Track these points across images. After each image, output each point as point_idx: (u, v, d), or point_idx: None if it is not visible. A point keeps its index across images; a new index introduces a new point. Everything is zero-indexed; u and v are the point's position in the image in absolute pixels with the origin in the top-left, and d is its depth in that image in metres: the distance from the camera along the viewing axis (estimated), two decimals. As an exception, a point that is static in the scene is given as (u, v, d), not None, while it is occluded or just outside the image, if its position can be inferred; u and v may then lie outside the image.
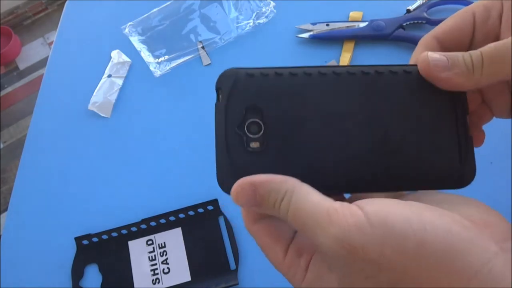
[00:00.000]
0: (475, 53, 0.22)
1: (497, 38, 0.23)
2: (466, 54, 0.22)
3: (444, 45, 0.25)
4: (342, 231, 0.18)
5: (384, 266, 0.17)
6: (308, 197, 0.20)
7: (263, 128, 0.22)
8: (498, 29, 0.24)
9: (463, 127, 0.23)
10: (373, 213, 0.18)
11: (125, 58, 0.57)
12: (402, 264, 0.17)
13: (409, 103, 0.23)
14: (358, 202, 0.19)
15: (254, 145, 0.22)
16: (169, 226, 0.45)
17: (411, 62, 0.26)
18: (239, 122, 0.23)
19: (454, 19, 0.25)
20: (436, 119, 0.23)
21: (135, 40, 0.57)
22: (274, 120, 0.22)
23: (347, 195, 0.25)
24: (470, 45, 0.25)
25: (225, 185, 0.22)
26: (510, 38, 0.22)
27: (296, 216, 0.20)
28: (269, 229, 0.22)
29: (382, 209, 0.18)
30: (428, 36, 0.26)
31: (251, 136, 0.22)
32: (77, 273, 0.44)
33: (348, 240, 0.18)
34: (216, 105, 0.23)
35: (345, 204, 0.19)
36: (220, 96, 0.23)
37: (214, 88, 0.23)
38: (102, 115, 0.53)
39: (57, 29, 0.62)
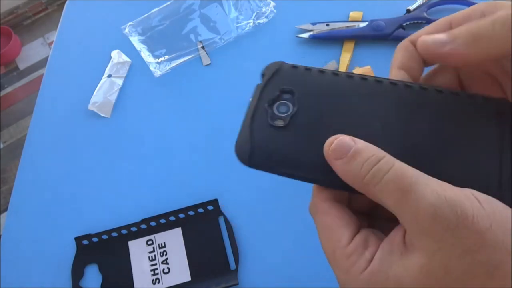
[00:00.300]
0: (478, 20, 0.21)
1: None
2: (467, 24, 0.22)
3: None
4: (455, 196, 0.18)
5: (489, 242, 0.17)
6: (410, 168, 0.19)
7: (291, 109, 0.23)
8: None
9: (507, 154, 0.21)
10: (478, 193, 0.18)
11: (125, 58, 0.57)
12: (509, 242, 0.17)
13: (451, 123, 0.22)
14: None
15: (278, 122, 0.23)
16: (169, 226, 0.45)
17: (392, 66, 0.25)
18: (271, 100, 0.23)
19: (431, 27, 0.25)
20: (478, 140, 0.21)
21: (135, 40, 0.57)
22: (304, 106, 0.23)
23: None
24: None
25: (240, 151, 0.23)
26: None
27: (399, 176, 0.19)
28: (341, 211, 0.22)
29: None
30: (406, 41, 0.25)
31: (278, 114, 0.23)
32: (77, 273, 0.44)
33: (461, 205, 0.17)
34: (256, 86, 0.24)
35: None
36: (262, 78, 0.24)
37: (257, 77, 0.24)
38: (102, 115, 0.53)
39: (57, 29, 0.62)
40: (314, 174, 0.22)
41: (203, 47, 0.56)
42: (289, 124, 0.22)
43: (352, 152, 0.20)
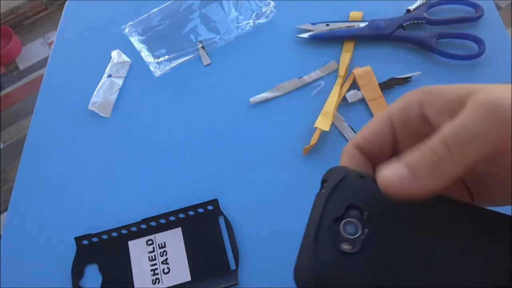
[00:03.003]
0: (433, 141, 0.20)
1: (423, 137, 0.21)
2: (424, 149, 0.20)
3: (367, 152, 0.24)
4: None
5: None
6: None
7: (359, 231, 0.20)
8: (421, 129, 0.22)
9: None
10: None
11: (125, 58, 0.57)
12: None
13: None
14: None
15: (346, 246, 0.20)
16: (169, 226, 0.45)
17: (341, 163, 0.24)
18: (336, 216, 0.21)
19: (372, 125, 0.24)
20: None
21: (135, 40, 0.57)
22: (376, 230, 0.20)
23: None
24: (393, 148, 0.24)
25: (303, 277, 0.20)
26: (465, 114, 0.20)
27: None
28: None
29: None
30: (349, 145, 0.24)
31: (345, 235, 0.20)
32: (77, 273, 0.44)
33: None
34: (317, 194, 0.22)
35: None
36: (324, 186, 0.22)
37: (320, 180, 0.22)
38: (102, 115, 0.53)
39: (57, 29, 0.62)
40: None
41: (203, 47, 0.56)
42: (360, 251, 0.20)
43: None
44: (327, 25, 0.55)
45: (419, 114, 0.22)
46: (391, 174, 0.20)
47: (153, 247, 0.45)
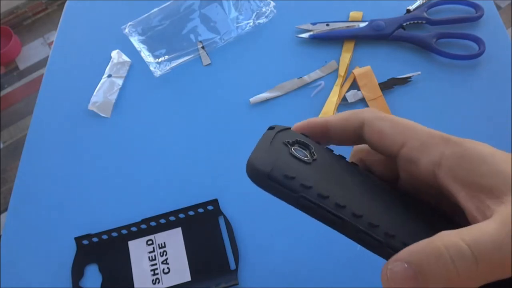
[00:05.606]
0: (464, 255, 0.17)
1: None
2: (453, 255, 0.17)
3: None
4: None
5: None
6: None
7: (308, 156, 0.23)
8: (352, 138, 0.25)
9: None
10: None
11: (125, 58, 0.57)
12: None
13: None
14: None
15: (300, 157, 0.22)
16: (169, 226, 0.45)
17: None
18: (288, 142, 0.23)
19: (308, 124, 0.26)
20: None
21: (135, 40, 0.57)
22: (320, 159, 0.23)
23: None
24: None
25: (256, 162, 0.21)
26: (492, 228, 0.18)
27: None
28: None
29: None
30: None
31: (297, 154, 0.22)
32: (77, 273, 0.44)
33: None
34: (266, 131, 0.24)
35: None
36: (272, 129, 0.24)
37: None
38: (102, 115, 0.53)
39: (57, 29, 0.62)
40: (335, 213, 0.20)
41: (203, 47, 0.56)
42: (311, 163, 0.22)
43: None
44: (327, 25, 0.55)
45: (356, 130, 0.25)
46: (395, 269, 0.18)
47: (153, 247, 0.45)
